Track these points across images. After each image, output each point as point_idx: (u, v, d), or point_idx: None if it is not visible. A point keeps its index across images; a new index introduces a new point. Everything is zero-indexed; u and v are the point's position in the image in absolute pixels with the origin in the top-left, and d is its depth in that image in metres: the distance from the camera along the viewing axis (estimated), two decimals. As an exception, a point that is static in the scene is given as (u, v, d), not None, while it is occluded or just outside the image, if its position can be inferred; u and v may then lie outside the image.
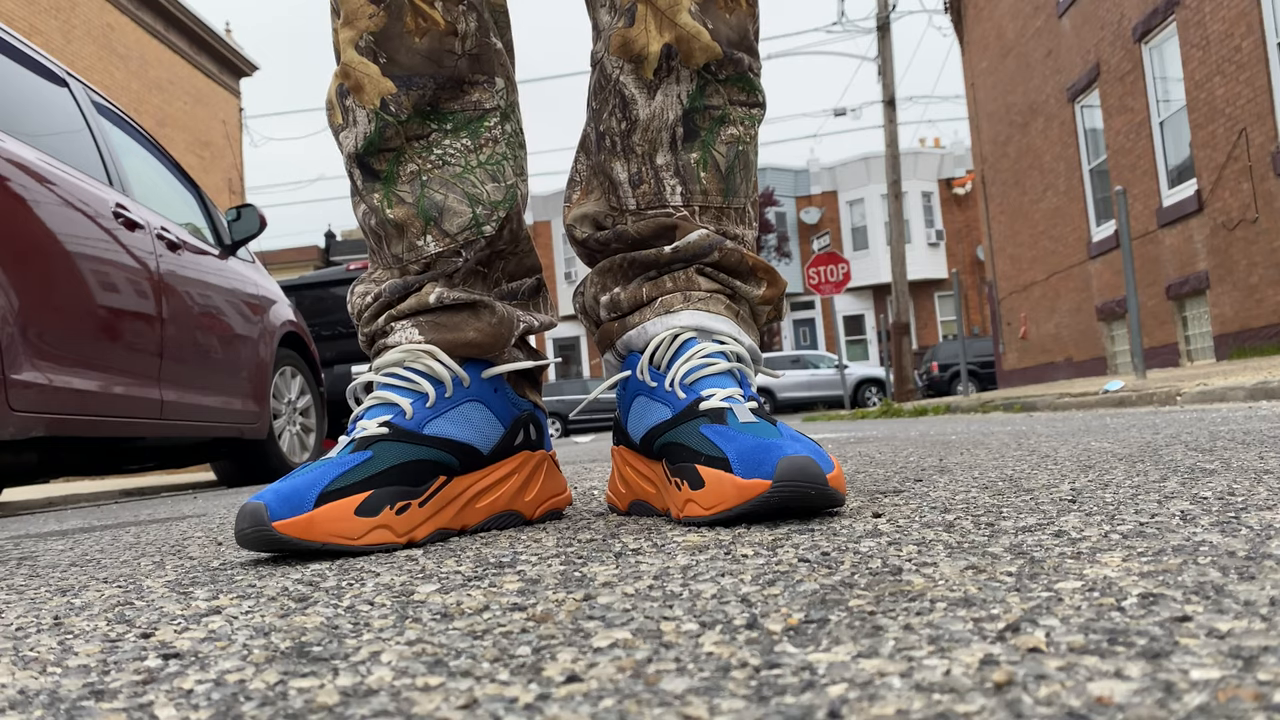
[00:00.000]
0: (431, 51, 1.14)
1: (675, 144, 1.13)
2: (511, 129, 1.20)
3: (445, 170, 1.18)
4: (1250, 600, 0.50)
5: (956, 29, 16.93)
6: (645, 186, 1.14)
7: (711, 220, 1.14)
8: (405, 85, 1.15)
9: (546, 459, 1.20)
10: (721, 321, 1.10)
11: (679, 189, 1.13)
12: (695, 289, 1.12)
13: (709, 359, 1.06)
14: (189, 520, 1.90)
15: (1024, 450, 1.89)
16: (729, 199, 1.14)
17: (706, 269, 1.13)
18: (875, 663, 0.44)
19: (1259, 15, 8.86)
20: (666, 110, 1.12)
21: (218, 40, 17.77)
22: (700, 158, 1.13)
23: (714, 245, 1.12)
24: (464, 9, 1.15)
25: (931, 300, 30.62)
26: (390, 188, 1.19)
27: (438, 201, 1.17)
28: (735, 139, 1.14)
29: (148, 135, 4.42)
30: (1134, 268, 6.77)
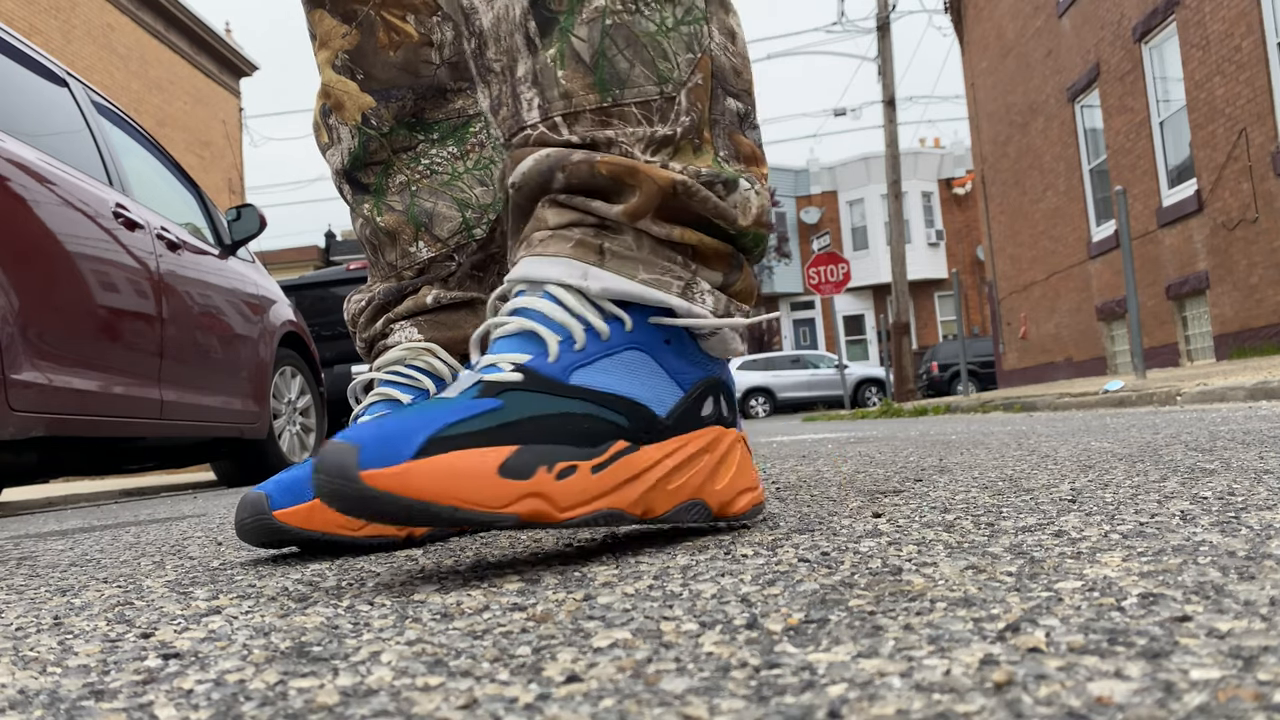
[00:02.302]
0: (407, 63, 1.14)
1: (533, 45, 0.88)
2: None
3: (434, 179, 1.18)
4: (1250, 600, 0.50)
5: (956, 29, 16.93)
6: (505, 110, 0.91)
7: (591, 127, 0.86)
8: (384, 98, 1.15)
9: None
10: (555, 264, 0.84)
11: (536, 101, 0.88)
12: (541, 227, 0.88)
13: (502, 320, 0.85)
14: (189, 520, 1.90)
15: (1024, 450, 1.89)
16: (609, 94, 0.85)
17: (558, 198, 0.87)
18: (875, 663, 0.44)
19: (1259, 15, 8.86)
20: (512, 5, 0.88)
21: (218, 40, 17.77)
22: (557, 52, 0.86)
23: (554, 166, 0.85)
24: (438, 19, 1.14)
25: (931, 300, 30.62)
26: (380, 199, 1.20)
27: (427, 208, 1.17)
28: (601, 11, 0.86)
29: (148, 135, 4.42)
30: (1134, 268, 6.77)
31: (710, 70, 0.88)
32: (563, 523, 0.76)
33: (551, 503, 0.75)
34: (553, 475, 0.75)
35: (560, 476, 0.76)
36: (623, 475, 0.80)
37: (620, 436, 0.81)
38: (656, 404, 0.84)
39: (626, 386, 0.83)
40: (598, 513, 0.78)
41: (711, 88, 0.88)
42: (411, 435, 0.71)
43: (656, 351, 0.86)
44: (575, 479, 0.77)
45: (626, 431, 0.82)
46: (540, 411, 0.78)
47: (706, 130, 0.88)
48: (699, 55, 0.87)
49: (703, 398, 0.89)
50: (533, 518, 0.74)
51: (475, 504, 0.72)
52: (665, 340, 0.87)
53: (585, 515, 0.77)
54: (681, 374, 0.88)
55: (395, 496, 0.69)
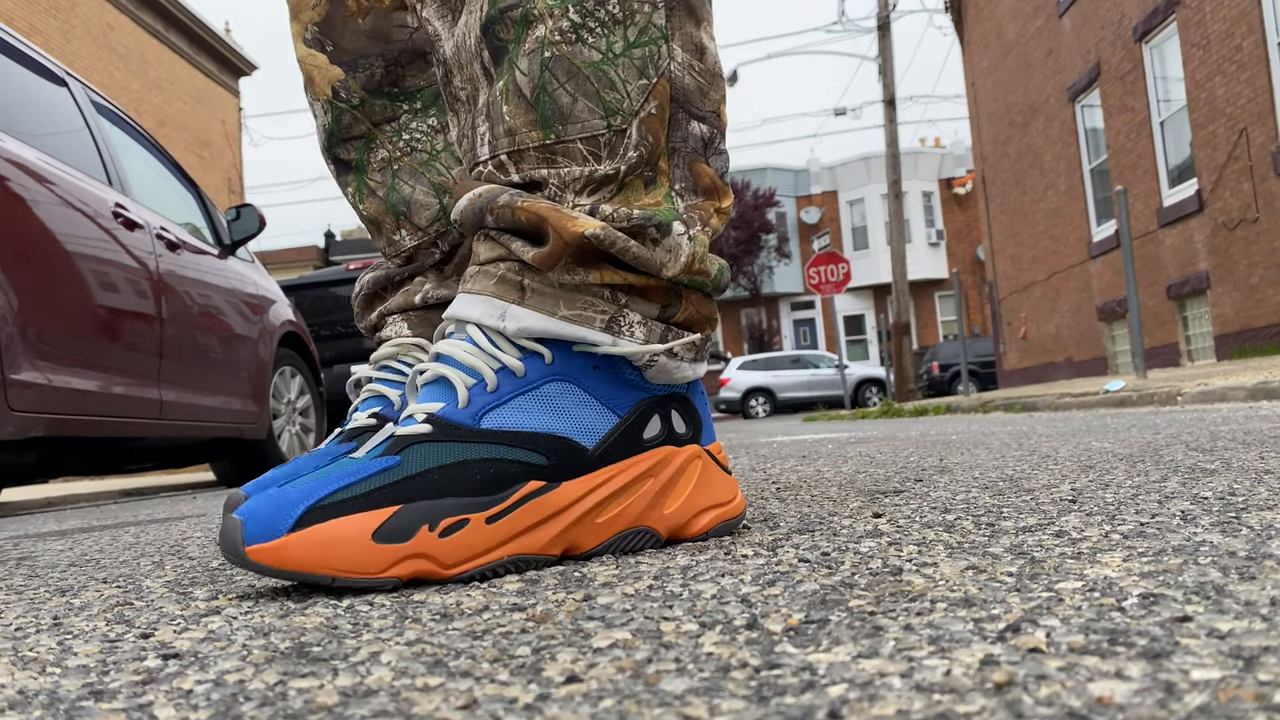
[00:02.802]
0: (376, 30, 1.10)
1: (489, 75, 0.84)
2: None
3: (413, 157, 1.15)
4: (1251, 600, 0.49)
5: (957, 28, 16.93)
6: (465, 143, 0.89)
7: (534, 165, 0.83)
8: (351, 69, 1.11)
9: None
10: (477, 303, 0.83)
11: (486, 136, 0.85)
12: (474, 261, 0.87)
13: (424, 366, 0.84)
14: (188, 520, 1.90)
15: (1024, 450, 1.89)
16: (550, 131, 0.82)
17: (489, 232, 0.86)
18: (875, 663, 0.43)
19: (1259, 15, 8.86)
20: (468, 33, 0.84)
21: (217, 40, 17.77)
22: (504, 85, 0.83)
23: (484, 207, 0.83)
24: None
25: (932, 300, 30.62)
26: (362, 177, 1.17)
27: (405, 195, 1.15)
28: (541, 41, 0.81)
29: (147, 135, 4.42)
30: (1134, 268, 6.76)
31: (669, 94, 0.82)
32: (463, 577, 0.75)
33: (436, 561, 0.74)
34: (436, 534, 0.74)
35: (445, 534, 0.74)
36: (530, 519, 0.77)
37: (534, 477, 0.78)
38: (583, 435, 0.81)
39: (545, 422, 0.80)
40: (497, 562, 0.76)
41: (671, 113, 0.83)
42: (291, 507, 0.72)
43: (583, 380, 0.83)
44: (464, 533, 0.75)
45: (543, 470, 0.79)
46: (437, 463, 0.76)
47: (664, 160, 0.84)
48: (654, 80, 0.82)
49: (643, 420, 0.85)
50: (417, 577, 0.73)
51: (351, 571, 0.71)
52: (593, 367, 0.83)
53: (481, 567, 0.75)
54: (615, 399, 0.84)
55: (276, 569, 0.71)
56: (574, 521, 0.79)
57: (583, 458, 0.81)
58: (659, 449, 0.85)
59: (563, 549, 0.80)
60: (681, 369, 0.86)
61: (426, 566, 0.73)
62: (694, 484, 0.87)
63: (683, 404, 0.88)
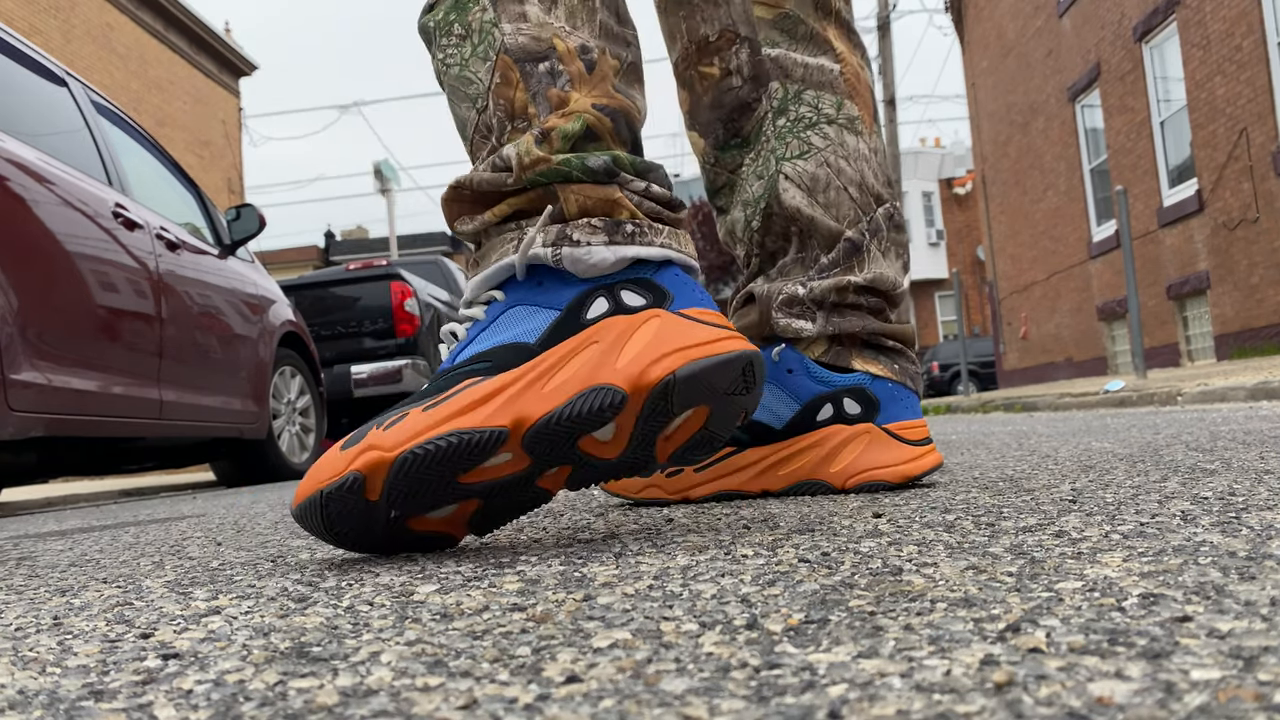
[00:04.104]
0: (715, 101, 1.34)
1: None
2: (782, 105, 1.30)
3: (740, 185, 1.35)
4: (1251, 600, 0.49)
5: (957, 28, 16.93)
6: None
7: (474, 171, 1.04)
8: (705, 136, 1.35)
9: (867, 432, 1.20)
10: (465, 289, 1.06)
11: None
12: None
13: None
14: (188, 520, 1.90)
15: (1024, 450, 1.89)
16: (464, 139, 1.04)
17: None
18: (875, 663, 0.43)
19: (1259, 15, 8.86)
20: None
21: (217, 40, 17.76)
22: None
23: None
24: (735, 47, 1.30)
25: (932, 300, 30.61)
26: (724, 217, 1.38)
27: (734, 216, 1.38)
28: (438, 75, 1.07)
29: (147, 135, 4.42)
30: (1135, 268, 6.76)
31: (510, 61, 0.96)
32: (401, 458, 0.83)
33: (379, 448, 0.84)
34: (380, 428, 0.86)
35: (388, 427, 0.86)
36: (465, 401, 0.85)
37: (473, 376, 0.88)
38: (528, 335, 0.90)
39: (496, 339, 0.91)
40: (438, 437, 0.83)
41: (520, 72, 0.96)
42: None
43: (530, 297, 0.93)
44: (403, 422, 0.85)
45: (487, 369, 0.89)
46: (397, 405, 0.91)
47: (531, 107, 0.96)
48: (495, 58, 0.97)
49: (582, 305, 0.91)
50: (369, 466, 0.84)
51: (329, 479, 0.86)
52: (538, 284, 0.93)
53: (424, 440, 0.83)
54: (557, 299, 0.92)
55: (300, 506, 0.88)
56: (517, 394, 0.85)
57: (526, 351, 0.89)
58: (601, 321, 0.89)
59: (511, 419, 0.84)
60: (594, 253, 0.91)
61: (374, 455, 0.84)
62: (652, 334, 0.87)
63: (641, 283, 0.92)
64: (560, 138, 0.94)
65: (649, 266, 0.93)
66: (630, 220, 0.93)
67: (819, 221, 1.28)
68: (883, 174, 1.32)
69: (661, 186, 0.99)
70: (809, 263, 1.29)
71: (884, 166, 1.33)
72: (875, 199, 1.30)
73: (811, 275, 1.28)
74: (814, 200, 1.28)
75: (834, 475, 1.20)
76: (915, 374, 1.30)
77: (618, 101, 0.97)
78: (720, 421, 0.92)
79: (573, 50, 0.96)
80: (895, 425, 1.22)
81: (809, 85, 1.30)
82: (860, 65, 1.34)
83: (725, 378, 0.88)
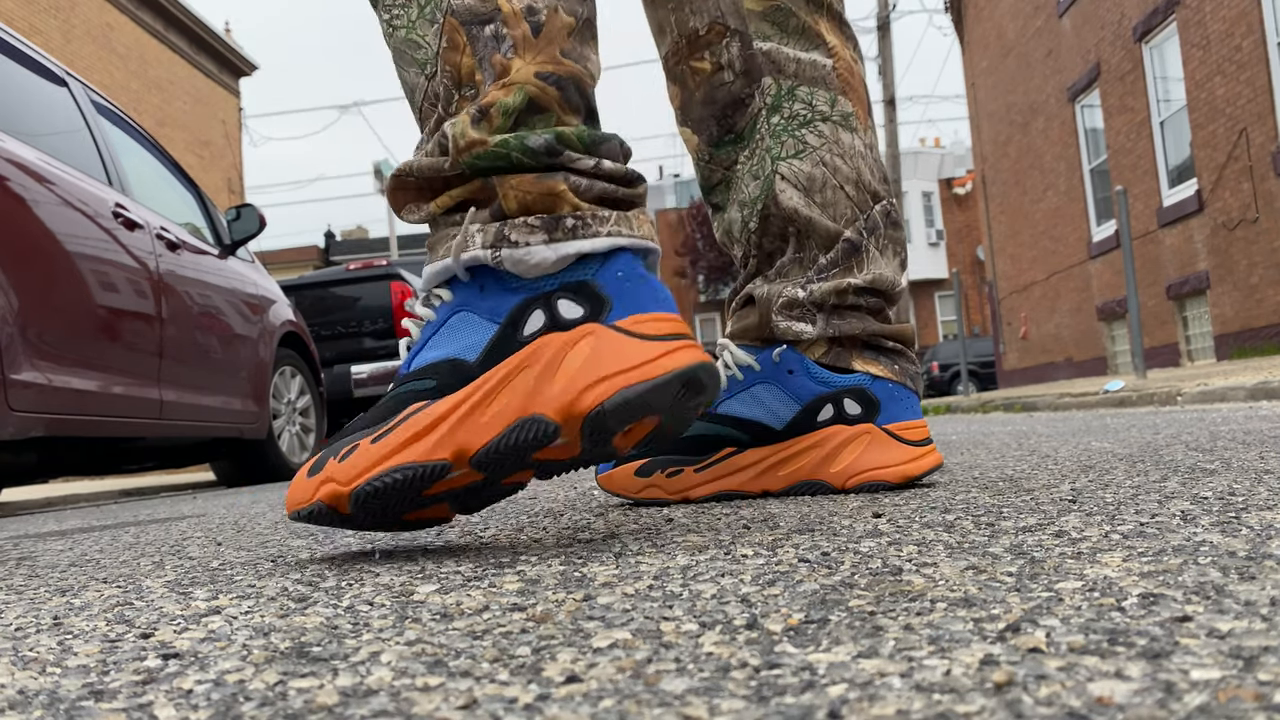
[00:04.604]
0: (707, 97, 1.31)
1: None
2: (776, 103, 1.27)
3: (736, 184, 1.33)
4: (1251, 600, 0.49)
5: (957, 29, 16.92)
6: None
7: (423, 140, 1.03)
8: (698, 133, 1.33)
9: (868, 433, 1.20)
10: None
11: None
12: None
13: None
14: (188, 520, 1.90)
15: (1024, 450, 1.89)
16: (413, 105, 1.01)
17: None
18: (875, 663, 0.43)
19: (1259, 15, 8.86)
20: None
21: (217, 40, 17.76)
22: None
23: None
24: (726, 40, 1.27)
25: (932, 300, 30.61)
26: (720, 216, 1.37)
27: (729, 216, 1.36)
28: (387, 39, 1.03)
29: (147, 135, 4.42)
30: (1134, 268, 6.76)
31: (456, 24, 0.92)
32: (357, 492, 0.86)
33: (336, 481, 0.87)
34: (337, 458, 0.89)
35: (342, 459, 0.88)
36: (408, 432, 0.86)
37: (419, 399, 0.88)
38: (468, 351, 0.89)
39: (441, 351, 0.90)
40: (388, 471, 0.85)
41: (467, 35, 0.92)
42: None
43: (474, 304, 0.90)
44: (354, 455, 0.88)
45: (430, 392, 0.88)
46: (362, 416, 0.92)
47: (478, 73, 0.91)
48: (443, 20, 0.93)
49: (519, 320, 0.88)
50: (330, 499, 0.87)
51: (300, 503, 0.90)
52: (480, 289, 0.90)
53: (375, 476, 0.85)
54: (497, 310, 0.89)
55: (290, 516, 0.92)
56: (455, 425, 0.85)
57: (466, 372, 0.88)
58: (537, 340, 0.87)
59: (453, 452, 0.85)
60: (534, 253, 0.87)
61: (331, 487, 0.87)
62: (582, 360, 0.84)
63: (579, 290, 0.88)
64: (500, 113, 0.89)
65: (592, 263, 0.88)
66: (572, 214, 0.89)
67: (817, 222, 1.27)
68: (879, 170, 1.30)
69: (615, 160, 0.94)
70: (807, 263, 1.28)
71: (879, 163, 1.32)
72: (872, 196, 1.29)
73: (810, 277, 1.27)
74: (811, 200, 1.27)
75: (834, 475, 1.21)
76: (915, 374, 1.29)
77: (566, 67, 0.92)
78: (674, 422, 0.90)
79: (518, 11, 0.91)
80: (896, 425, 1.22)
81: (802, 81, 1.28)
82: (853, 59, 1.32)
83: (662, 398, 0.85)
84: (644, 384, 0.83)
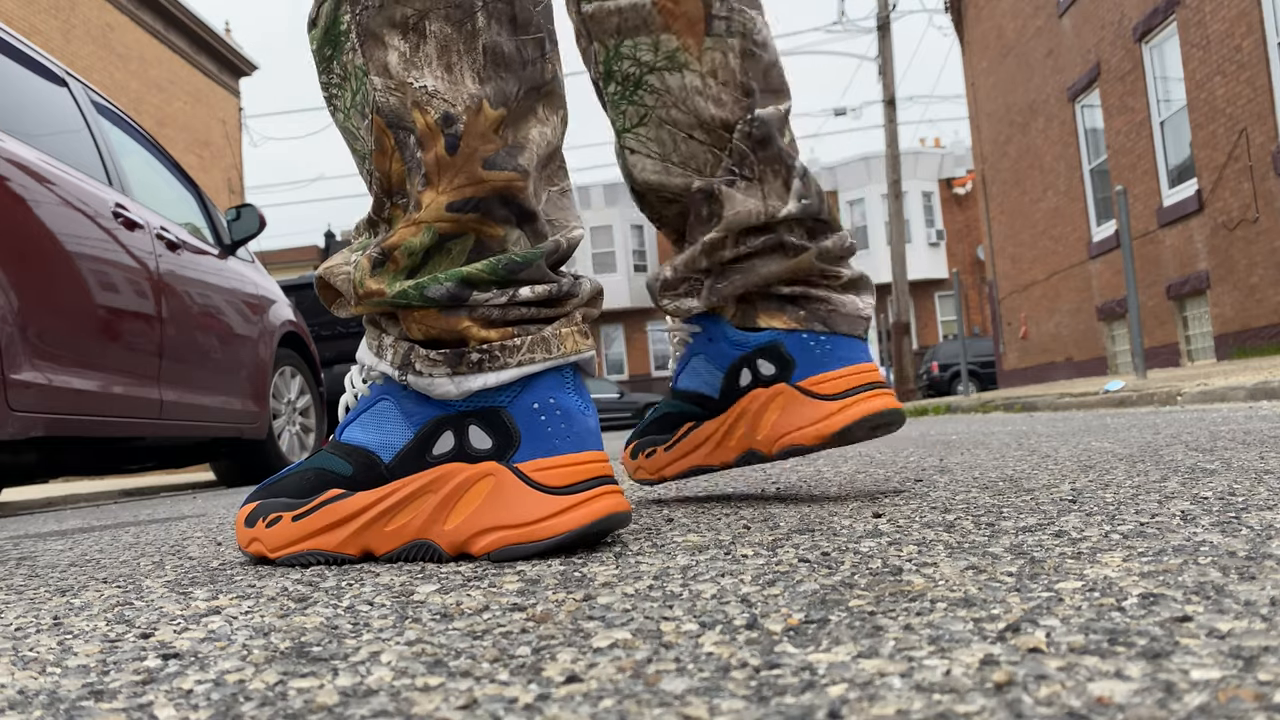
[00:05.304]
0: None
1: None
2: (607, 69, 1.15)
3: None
4: (1251, 600, 0.49)
5: (957, 29, 16.92)
6: None
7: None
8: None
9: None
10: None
11: None
12: None
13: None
14: (188, 520, 1.90)
15: (1024, 450, 1.89)
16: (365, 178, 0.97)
17: None
18: (875, 663, 0.43)
19: (1259, 15, 8.86)
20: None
21: (217, 40, 17.76)
22: None
23: None
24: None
25: (932, 300, 30.61)
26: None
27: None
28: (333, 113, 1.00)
29: (147, 135, 4.42)
30: (1134, 268, 6.77)
31: (383, 125, 0.87)
32: (278, 560, 0.92)
33: (265, 545, 0.93)
34: (264, 523, 0.94)
35: (270, 525, 0.93)
36: (323, 521, 0.90)
37: (337, 484, 0.91)
38: (384, 449, 0.90)
39: (365, 436, 0.92)
40: (304, 552, 0.91)
41: (394, 139, 0.86)
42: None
43: (398, 397, 0.91)
44: (279, 526, 0.93)
45: (347, 479, 0.91)
46: (295, 470, 0.95)
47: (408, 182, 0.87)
48: (371, 117, 0.87)
49: (432, 437, 0.88)
50: (258, 556, 0.94)
51: (239, 545, 0.97)
52: (404, 387, 0.91)
53: (293, 554, 0.92)
54: (415, 415, 0.90)
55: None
56: (362, 527, 0.89)
57: (379, 470, 0.90)
58: (441, 466, 0.87)
59: (359, 551, 0.90)
60: (437, 384, 0.87)
61: (261, 548, 0.94)
62: (480, 502, 0.84)
63: (490, 419, 0.86)
64: (406, 254, 0.86)
65: (505, 392, 0.86)
66: (477, 348, 0.85)
67: (673, 184, 1.15)
68: (726, 93, 1.12)
69: (538, 282, 0.87)
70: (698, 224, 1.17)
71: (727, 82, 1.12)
72: (724, 127, 1.12)
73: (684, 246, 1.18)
74: (668, 164, 1.15)
75: (761, 443, 1.13)
76: (834, 312, 1.13)
77: (488, 185, 0.85)
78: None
79: (433, 126, 0.84)
80: (810, 381, 1.10)
81: (624, 34, 1.12)
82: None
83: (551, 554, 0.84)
84: (530, 545, 0.82)
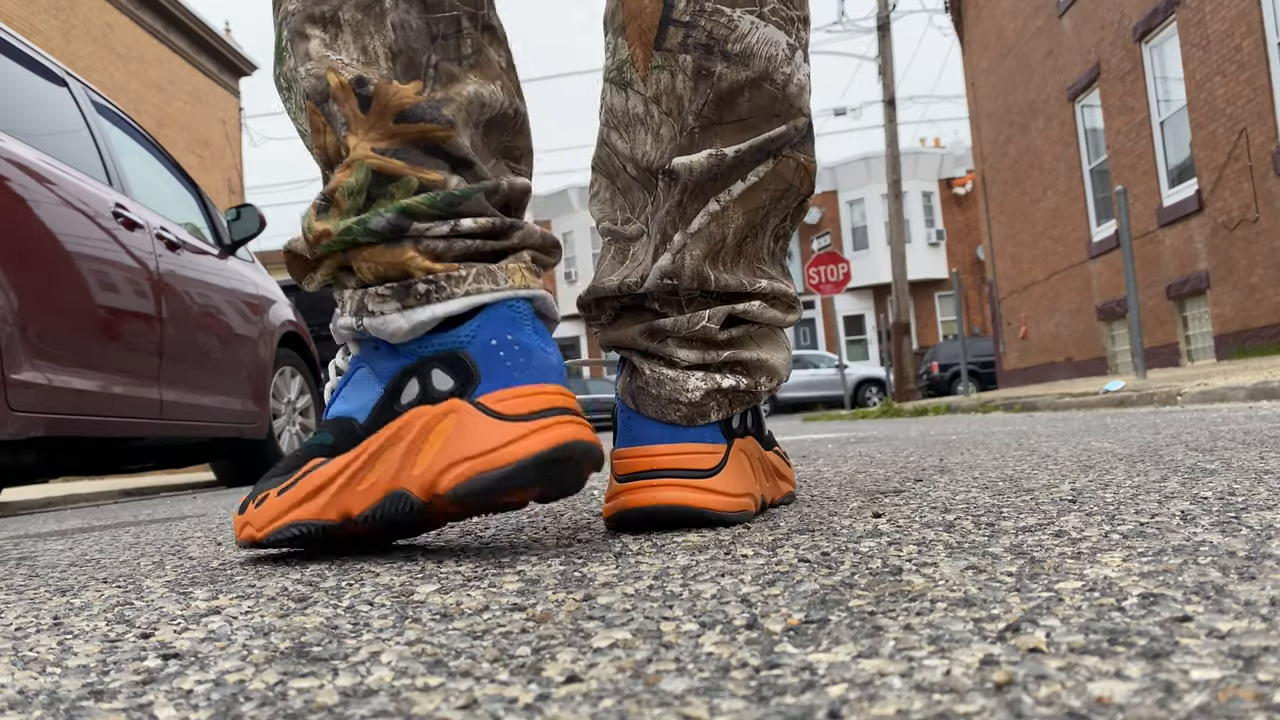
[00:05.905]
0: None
1: None
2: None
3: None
4: (1251, 600, 0.49)
5: (957, 29, 16.92)
6: None
7: None
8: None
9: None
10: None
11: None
12: None
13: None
14: (188, 520, 1.90)
15: (1024, 450, 1.89)
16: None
17: None
18: (875, 663, 0.43)
19: (1259, 15, 8.86)
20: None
21: (217, 40, 17.76)
22: None
23: None
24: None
25: (932, 300, 30.61)
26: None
27: None
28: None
29: (147, 135, 4.42)
30: (1134, 268, 6.77)
31: (313, 106, 0.91)
32: (266, 540, 0.92)
33: (253, 526, 0.94)
34: (254, 504, 0.95)
35: (258, 505, 0.94)
36: (303, 491, 0.91)
37: (318, 454, 0.92)
38: (360, 412, 0.92)
39: (345, 405, 0.93)
40: (288, 525, 0.91)
41: (324, 114, 0.90)
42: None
43: (372, 361, 0.93)
44: (265, 504, 0.93)
45: (328, 448, 0.92)
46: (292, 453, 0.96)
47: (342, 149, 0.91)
48: (305, 105, 0.92)
49: (398, 388, 0.89)
50: (249, 540, 0.94)
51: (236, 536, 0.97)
52: (375, 347, 0.92)
53: (278, 529, 0.91)
54: (385, 373, 0.91)
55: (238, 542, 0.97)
56: (339, 490, 0.89)
57: (356, 432, 0.91)
58: (408, 412, 0.87)
59: (339, 515, 0.89)
60: (389, 321, 0.88)
61: (251, 531, 0.94)
62: (445, 440, 0.83)
63: (449, 360, 0.86)
64: (346, 195, 0.89)
65: (464, 329, 0.86)
66: (423, 278, 0.86)
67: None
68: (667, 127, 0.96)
69: (481, 214, 0.88)
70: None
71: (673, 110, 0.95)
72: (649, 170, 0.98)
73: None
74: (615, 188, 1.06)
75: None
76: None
77: (406, 134, 0.88)
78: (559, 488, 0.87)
79: (347, 85, 0.88)
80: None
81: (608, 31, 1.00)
82: None
83: (519, 480, 0.81)
84: (495, 471, 0.81)
